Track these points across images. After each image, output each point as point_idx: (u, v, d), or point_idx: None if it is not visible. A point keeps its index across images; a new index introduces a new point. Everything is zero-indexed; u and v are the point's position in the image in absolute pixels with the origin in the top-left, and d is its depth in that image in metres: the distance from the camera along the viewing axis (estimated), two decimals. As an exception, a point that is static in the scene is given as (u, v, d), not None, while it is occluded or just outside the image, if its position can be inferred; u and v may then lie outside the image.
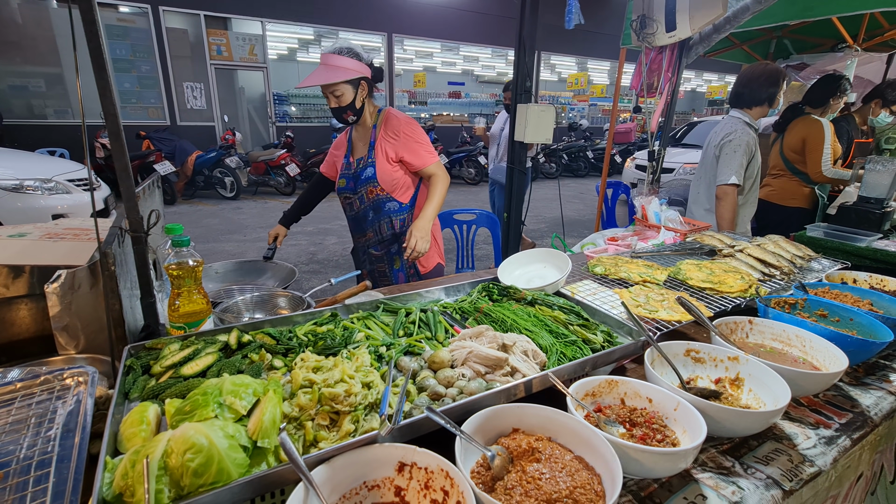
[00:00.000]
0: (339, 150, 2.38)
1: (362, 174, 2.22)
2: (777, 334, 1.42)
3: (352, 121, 2.17)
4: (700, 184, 3.04)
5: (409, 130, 2.21)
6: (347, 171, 2.30)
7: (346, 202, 2.35)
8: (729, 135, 2.71)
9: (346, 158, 2.31)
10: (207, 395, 0.83)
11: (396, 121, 2.21)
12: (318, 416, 0.89)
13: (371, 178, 2.21)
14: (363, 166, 2.23)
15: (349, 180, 2.29)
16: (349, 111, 2.12)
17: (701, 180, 3.04)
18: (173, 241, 1.24)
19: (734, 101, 2.85)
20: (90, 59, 1.26)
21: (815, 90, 3.38)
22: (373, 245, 2.36)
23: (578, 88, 16.12)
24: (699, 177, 3.06)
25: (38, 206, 5.48)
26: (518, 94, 3.42)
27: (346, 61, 2.05)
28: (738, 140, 2.67)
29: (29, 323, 1.51)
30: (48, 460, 0.83)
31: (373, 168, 2.20)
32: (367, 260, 2.41)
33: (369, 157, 2.22)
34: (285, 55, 12.43)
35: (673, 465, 0.91)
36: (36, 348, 1.50)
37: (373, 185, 2.23)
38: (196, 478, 0.70)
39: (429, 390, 1.04)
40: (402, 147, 2.20)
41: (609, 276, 1.77)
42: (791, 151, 3.33)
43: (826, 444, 1.10)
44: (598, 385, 1.12)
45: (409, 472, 0.86)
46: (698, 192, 3.05)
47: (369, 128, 2.24)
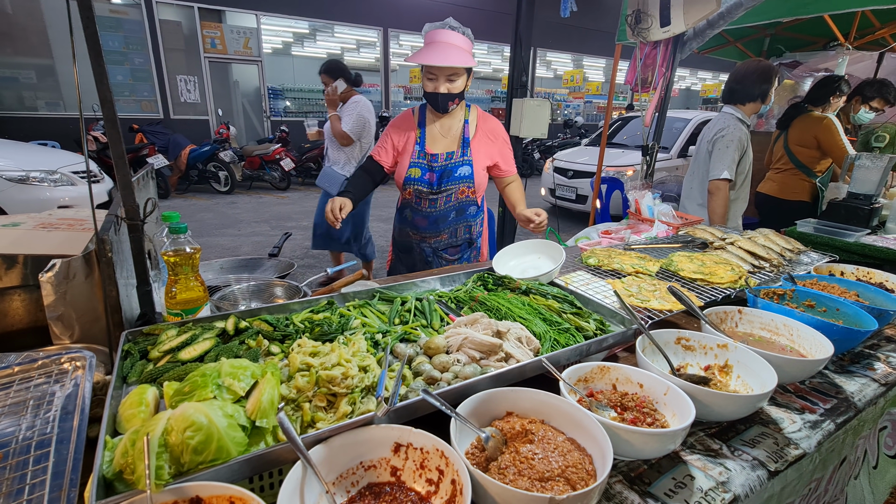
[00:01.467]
0: (401, 135, 2.09)
1: (455, 171, 2.02)
2: (766, 323, 1.45)
3: (451, 109, 1.99)
4: (693, 179, 3.08)
5: (506, 135, 2.08)
6: (425, 162, 2.04)
7: (420, 196, 2.08)
8: (721, 130, 2.74)
9: (420, 146, 2.05)
10: (206, 376, 0.85)
11: (494, 122, 2.08)
12: (316, 398, 0.91)
13: (467, 178, 2.03)
14: (456, 163, 2.02)
15: (427, 172, 2.04)
16: (458, 98, 1.94)
17: (694, 176, 3.07)
18: (170, 228, 1.24)
19: (727, 97, 2.89)
20: (86, 46, 1.26)
21: (816, 89, 3.48)
22: (444, 248, 2.17)
23: (574, 85, 16.16)
24: (692, 172, 3.10)
25: (43, 197, 5.50)
26: (514, 89, 3.44)
27: (466, 42, 1.86)
28: (731, 135, 2.71)
29: (22, 314, 1.50)
30: (47, 441, 0.84)
31: (470, 167, 2.02)
32: (437, 259, 2.19)
33: (464, 155, 2.02)
34: (280, 49, 12.34)
35: (662, 445, 0.93)
36: (30, 340, 1.50)
37: (467, 184, 2.04)
38: (196, 455, 0.72)
39: (424, 375, 1.05)
40: (497, 151, 2.07)
41: (602, 268, 1.79)
42: (799, 146, 3.41)
43: (811, 428, 1.13)
44: (590, 371, 1.14)
45: (405, 452, 0.88)
46: (691, 188, 3.09)
47: (459, 121, 2.05)
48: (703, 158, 2.91)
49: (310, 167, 10.28)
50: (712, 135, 2.80)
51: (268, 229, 7.02)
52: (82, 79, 1.18)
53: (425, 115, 2.09)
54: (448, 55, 1.81)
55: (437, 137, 2.07)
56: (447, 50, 1.82)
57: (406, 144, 2.09)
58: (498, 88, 15.95)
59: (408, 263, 2.25)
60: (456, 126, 2.06)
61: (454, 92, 1.90)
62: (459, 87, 1.90)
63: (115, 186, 6.70)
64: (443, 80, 1.87)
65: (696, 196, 3.05)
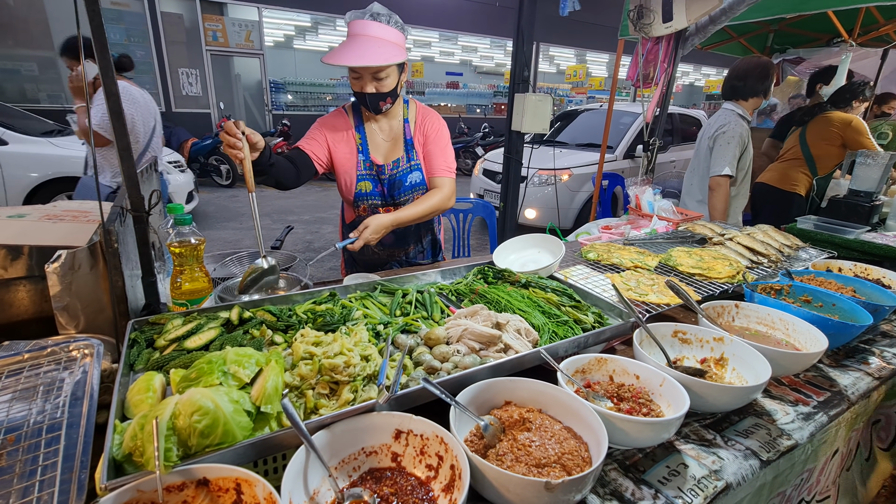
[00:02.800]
0: (337, 135, 1.83)
1: (406, 179, 1.82)
2: (762, 318, 1.47)
3: (385, 110, 1.76)
4: (693, 175, 3.09)
5: (442, 135, 1.86)
6: (372, 174, 1.81)
7: (375, 211, 1.85)
8: (722, 126, 2.75)
9: (364, 155, 1.81)
10: (212, 363, 0.87)
11: (434, 118, 1.88)
12: (319, 386, 0.93)
13: (419, 185, 1.85)
14: (404, 170, 1.82)
15: (377, 185, 1.82)
16: (389, 98, 1.71)
17: (694, 172, 3.09)
18: (175, 219, 1.26)
19: (729, 93, 2.90)
20: (91, 38, 1.28)
21: (841, 92, 3.55)
22: (414, 256, 2.04)
23: (577, 81, 16.09)
24: (693, 168, 3.11)
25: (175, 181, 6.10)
26: (516, 84, 3.44)
27: (394, 34, 1.63)
28: (732, 132, 2.72)
29: (28, 305, 1.52)
30: (58, 425, 0.86)
31: (420, 172, 1.83)
32: (396, 262, 2.05)
33: (410, 159, 1.83)
34: (282, 42, 12.31)
35: (657, 434, 0.96)
36: (36, 330, 1.52)
37: (421, 191, 1.85)
38: (203, 438, 0.74)
39: (425, 364, 1.07)
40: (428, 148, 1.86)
41: (601, 262, 1.81)
42: (820, 139, 3.46)
43: (804, 419, 1.15)
44: (587, 362, 1.17)
45: (405, 438, 0.90)
46: (691, 184, 3.11)
47: (398, 121, 1.85)
48: (703, 155, 2.93)
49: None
50: (713, 131, 2.81)
51: (269, 223, 7.04)
52: (88, 71, 1.19)
53: (361, 115, 1.84)
54: (366, 53, 1.56)
55: (380, 143, 1.85)
56: (367, 45, 1.58)
57: (348, 152, 1.83)
58: (500, 83, 15.90)
59: (368, 257, 2.05)
60: (396, 127, 1.85)
61: (384, 91, 1.67)
62: (390, 85, 1.67)
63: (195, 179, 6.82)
64: (369, 80, 1.64)
65: (695, 192, 3.07)
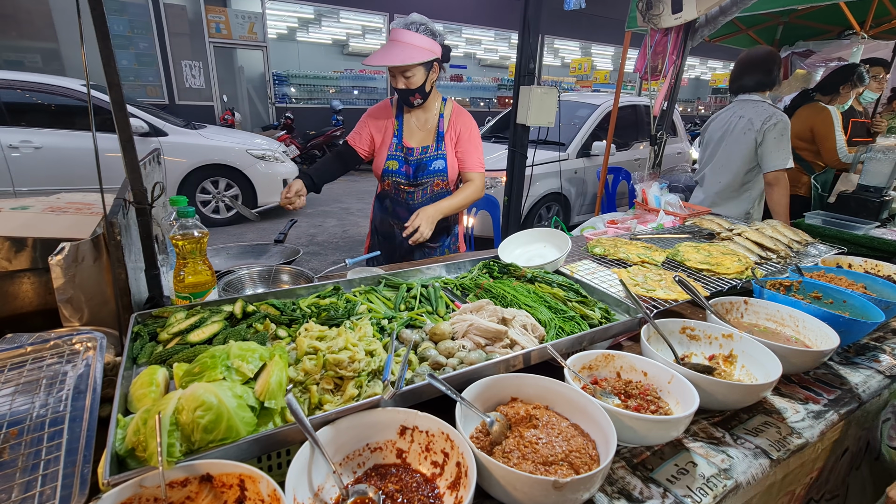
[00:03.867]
0: (378, 123, 2.13)
1: (430, 165, 2.07)
2: (771, 314, 1.45)
3: (417, 104, 2.02)
4: (723, 173, 2.84)
5: (475, 134, 2.13)
6: (402, 155, 2.09)
7: (398, 188, 2.13)
8: (770, 118, 2.59)
9: (398, 139, 2.10)
10: (215, 358, 0.86)
11: (467, 118, 2.12)
12: (323, 381, 0.92)
13: (441, 172, 2.09)
14: (431, 157, 2.07)
15: (404, 165, 2.10)
16: (417, 94, 1.97)
17: (725, 169, 2.84)
18: (178, 212, 1.25)
19: (755, 86, 2.73)
20: (93, 27, 1.26)
21: (829, 78, 3.40)
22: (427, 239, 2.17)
23: (582, 74, 15.94)
24: (722, 166, 2.86)
25: (274, 171, 6.62)
26: (521, 77, 3.40)
27: (421, 39, 1.89)
28: (784, 123, 2.59)
29: (32, 297, 1.52)
30: (61, 419, 0.86)
31: (444, 161, 2.08)
32: (418, 251, 2.21)
33: (438, 149, 2.08)
34: (285, 35, 12.23)
35: (665, 432, 0.94)
36: (39, 322, 1.52)
37: (441, 178, 2.10)
38: (206, 434, 0.73)
39: (430, 360, 1.06)
40: (461, 146, 2.11)
41: (608, 257, 1.79)
42: (797, 139, 3.34)
43: (814, 418, 1.13)
44: (594, 359, 1.15)
45: (410, 435, 0.89)
46: (719, 181, 2.87)
47: (435, 115, 2.11)
48: (740, 149, 2.71)
49: (314, 154, 10.25)
50: (760, 124, 2.62)
51: (273, 217, 7.04)
52: (88, 62, 1.18)
53: (402, 107, 2.12)
54: (393, 55, 1.86)
55: (414, 130, 2.12)
56: (395, 49, 1.87)
57: (384, 135, 2.13)
58: (504, 76, 15.78)
59: (388, 249, 2.27)
60: (431, 120, 2.11)
61: (412, 87, 1.95)
62: (417, 83, 1.94)
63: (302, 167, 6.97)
64: (399, 77, 1.93)
65: (729, 191, 2.83)
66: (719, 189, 2.93)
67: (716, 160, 2.93)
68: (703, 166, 3.05)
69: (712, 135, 2.94)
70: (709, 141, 2.98)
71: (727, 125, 2.82)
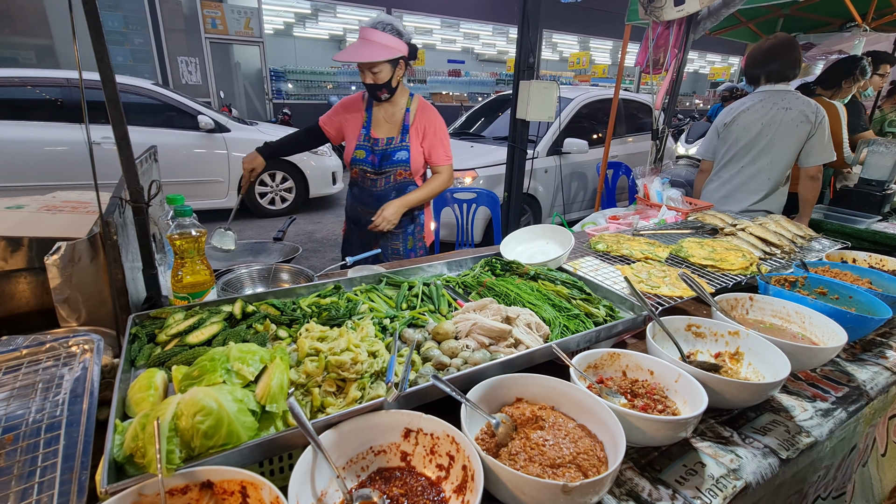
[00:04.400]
0: (350, 114, 2.29)
1: (394, 155, 2.21)
2: (777, 311, 1.43)
3: (384, 98, 2.15)
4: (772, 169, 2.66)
5: (440, 128, 2.25)
6: (369, 145, 2.24)
7: (364, 175, 2.29)
8: (819, 110, 2.50)
9: (366, 130, 2.24)
10: (215, 361, 0.84)
11: (432, 113, 2.25)
12: (325, 383, 0.90)
13: (404, 162, 2.22)
14: (395, 147, 2.21)
15: (370, 154, 2.24)
16: (384, 89, 2.10)
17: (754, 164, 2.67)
18: (176, 210, 1.22)
19: (784, 77, 2.60)
20: (86, 22, 1.23)
21: (829, 71, 3.31)
22: (403, 237, 2.36)
23: (580, 68, 15.88)
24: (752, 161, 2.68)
25: (324, 165, 7.01)
26: (521, 71, 3.37)
27: (388, 38, 2.01)
28: (825, 116, 2.51)
29: (28, 297, 1.50)
30: (57, 424, 0.84)
31: (407, 152, 2.21)
32: (382, 237, 2.34)
33: (402, 141, 2.21)
34: (281, 30, 12.15)
35: (674, 432, 0.93)
36: (36, 322, 1.50)
37: (403, 168, 2.23)
38: (206, 439, 0.71)
39: (433, 360, 1.04)
40: (428, 141, 2.25)
41: (611, 253, 1.77)
42: None
43: (822, 416, 1.12)
44: (600, 357, 1.13)
45: (415, 437, 0.87)
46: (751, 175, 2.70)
47: (401, 109, 2.23)
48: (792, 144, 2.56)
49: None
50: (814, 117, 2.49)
51: (272, 215, 7.00)
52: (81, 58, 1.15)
53: (371, 101, 2.26)
54: (362, 52, 2.00)
55: (382, 122, 2.26)
56: (364, 47, 2.01)
57: (354, 126, 2.28)
58: (503, 71, 15.70)
59: (358, 234, 2.45)
60: (398, 113, 2.24)
61: (379, 82, 2.07)
62: (384, 78, 2.07)
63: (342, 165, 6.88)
64: (367, 73, 2.05)
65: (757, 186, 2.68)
66: (770, 186, 2.68)
67: (757, 155, 2.67)
68: (735, 161, 2.77)
69: (747, 128, 2.68)
70: (740, 135, 2.71)
71: (768, 117, 2.59)
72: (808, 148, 2.55)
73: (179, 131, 6.03)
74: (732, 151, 2.77)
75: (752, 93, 2.72)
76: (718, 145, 2.83)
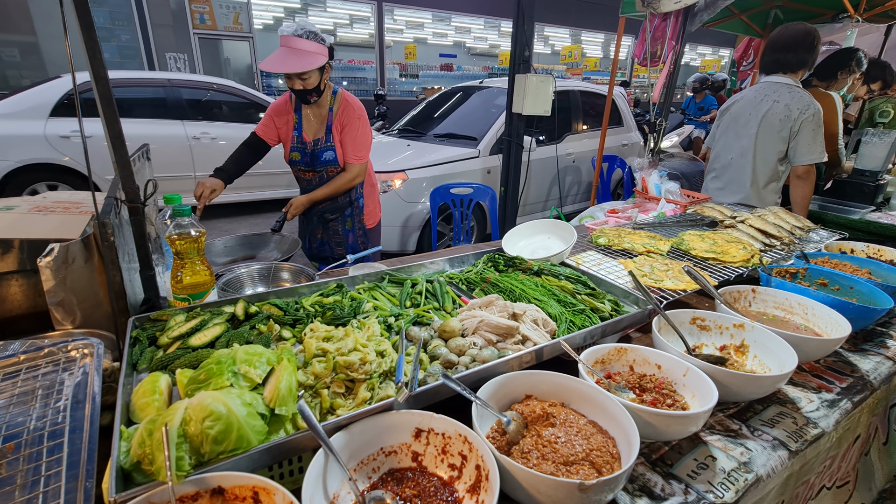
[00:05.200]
0: (281, 118, 2.38)
1: (322, 156, 2.32)
2: (780, 302, 1.44)
3: (313, 101, 2.23)
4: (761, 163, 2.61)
5: (354, 126, 2.31)
6: (301, 147, 2.34)
7: (301, 174, 2.43)
8: (808, 107, 2.42)
9: (298, 132, 2.34)
10: (221, 364, 0.82)
11: (351, 111, 2.30)
12: (334, 384, 0.89)
13: (332, 161, 2.33)
14: (321, 148, 2.31)
15: (304, 156, 2.35)
16: (314, 93, 2.19)
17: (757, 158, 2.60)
18: (174, 210, 1.20)
19: (797, 64, 2.51)
20: (76, 18, 1.19)
21: (825, 62, 3.27)
22: (328, 210, 2.49)
23: (572, 61, 15.84)
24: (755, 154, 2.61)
25: None
26: (517, 64, 3.35)
27: (314, 46, 2.09)
28: (820, 113, 2.43)
29: (21, 299, 1.47)
30: (60, 431, 0.81)
31: (333, 152, 2.32)
32: (321, 221, 2.53)
33: (328, 141, 2.31)
34: (271, 25, 11.98)
35: (684, 427, 0.92)
36: (30, 324, 1.47)
37: (333, 166, 2.35)
38: (216, 445, 0.70)
39: (441, 359, 1.03)
40: (342, 138, 2.33)
41: (613, 247, 1.77)
42: None
43: (828, 407, 1.12)
44: (607, 353, 1.13)
45: (426, 437, 0.86)
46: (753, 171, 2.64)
47: (325, 108, 2.32)
48: (775, 139, 2.52)
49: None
50: (797, 113, 2.44)
51: (266, 209, 6.94)
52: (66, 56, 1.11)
53: (300, 102, 2.33)
54: (292, 62, 2.05)
55: (311, 123, 2.35)
56: (292, 57, 2.06)
57: (287, 129, 2.38)
58: (495, 65, 15.64)
59: (306, 223, 2.59)
60: (324, 113, 2.32)
61: (309, 88, 2.15)
62: (313, 84, 2.15)
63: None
64: (296, 80, 2.12)
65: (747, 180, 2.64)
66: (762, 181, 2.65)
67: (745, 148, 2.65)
68: (725, 152, 2.76)
69: (737, 118, 2.66)
70: (730, 125, 2.70)
71: (758, 108, 2.57)
72: (794, 146, 2.49)
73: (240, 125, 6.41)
74: (723, 142, 2.76)
75: (758, 82, 2.68)
76: (718, 134, 2.79)
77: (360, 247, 2.57)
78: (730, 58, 18.67)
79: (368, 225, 2.63)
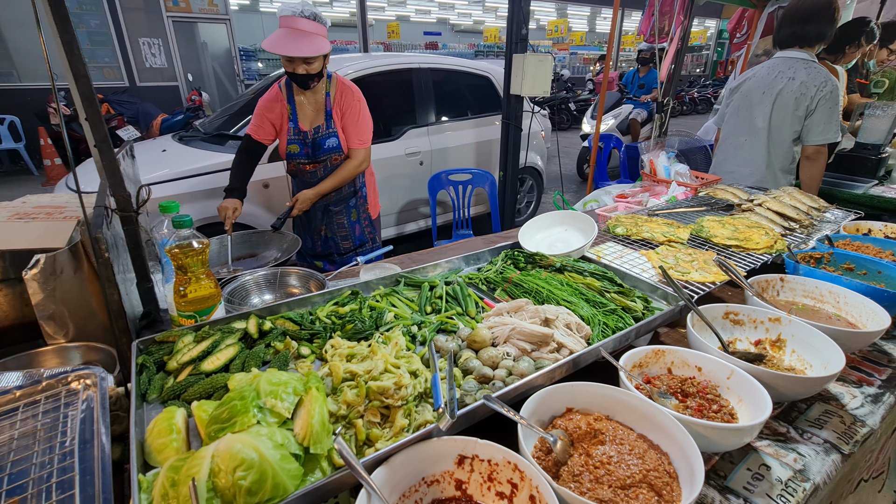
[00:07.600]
0: (274, 112, 2.22)
1: (324, 143, 2.20)
2: (809, 291, 1.40)
3: (313, 86, 2.11)
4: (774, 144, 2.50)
5: (355, 110, 2.20)
6: (300, 138, 2.21)
7: (302, 167, 2.27)
8: (825, 84, 2.29)
9: (294, 123, 2.21)
10: (245, 398, 0.74)
11: (349, 94, 2.20)
12: (368, 413, 0.82)
13: (336, 148, 2.21)
14: (323, 136, 2.19)
15: (305, 146, 2.22)
16: (316, 78, 2.07)
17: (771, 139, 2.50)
18: (174, 221, 1.10)
19: (816, 37, 2.36)
20: (49, 9, 1.06)
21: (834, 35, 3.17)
22: (332, 203, 2.36)
23: (558, 36, 15.55)
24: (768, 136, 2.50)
25: None
26: (513, 43, 3.22)
27: (317, 27, 1.97)
28: (837, 91, 2.31)
29: (7, 310, 1.37)
30: (69, 481, 0.74)
31: (336, 139, 2.20)
32: (326, 215, 2.39)
33: (329, 127, 2.19)
34: (247, 6, 11.54)
35: (739, 439, 0.88)
36: (18, 336, 1.38)
37: (337, 153, 2.22)
38: (250, 497, 0.63)
39: (475, 373, 0.97)
40: (344, 123, 2.22)
41: (631, 237, 1.71)
42: None
43: (873, 402, 1.09)
44: (644, 356, 1.07)
45: (469, 464, 0.80)
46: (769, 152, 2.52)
47: (321, 93, 2.19)
48: (792, 117, 2.39)
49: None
50: (814, 91, 2.31)
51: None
52: (36, 45, 0.99)
53: (292, 90, 2.20)
54: (302, 45, 1.92)
55: (306, 112, 2.22)
56: (302, 39, 1.93)
57: (281, 122, 2.24)
58: (480, 42, 15.29)
59: (306, 219, 2.42)
60: (320, 99, 2.20)
61: (313, 73, 2.02)
62: (318, 68, 2.03)
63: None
64: (300, 63, 1.98)
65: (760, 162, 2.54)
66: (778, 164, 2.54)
67: (757, 128, 2.53)
68: (737, 132, 2.63)
69: (748, 95, 2.53)
70: (742, 104, 2.56)
71: (771, 86, 2.42)
72: (808, 124, 2.38)
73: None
74: (734, 121, 2.65)
75: (772, 57, 2.54)
76: (729, 114, 2.67)
77: (367, 238, 2.47)
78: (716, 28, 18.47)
79: (373, 215, 2.52)
